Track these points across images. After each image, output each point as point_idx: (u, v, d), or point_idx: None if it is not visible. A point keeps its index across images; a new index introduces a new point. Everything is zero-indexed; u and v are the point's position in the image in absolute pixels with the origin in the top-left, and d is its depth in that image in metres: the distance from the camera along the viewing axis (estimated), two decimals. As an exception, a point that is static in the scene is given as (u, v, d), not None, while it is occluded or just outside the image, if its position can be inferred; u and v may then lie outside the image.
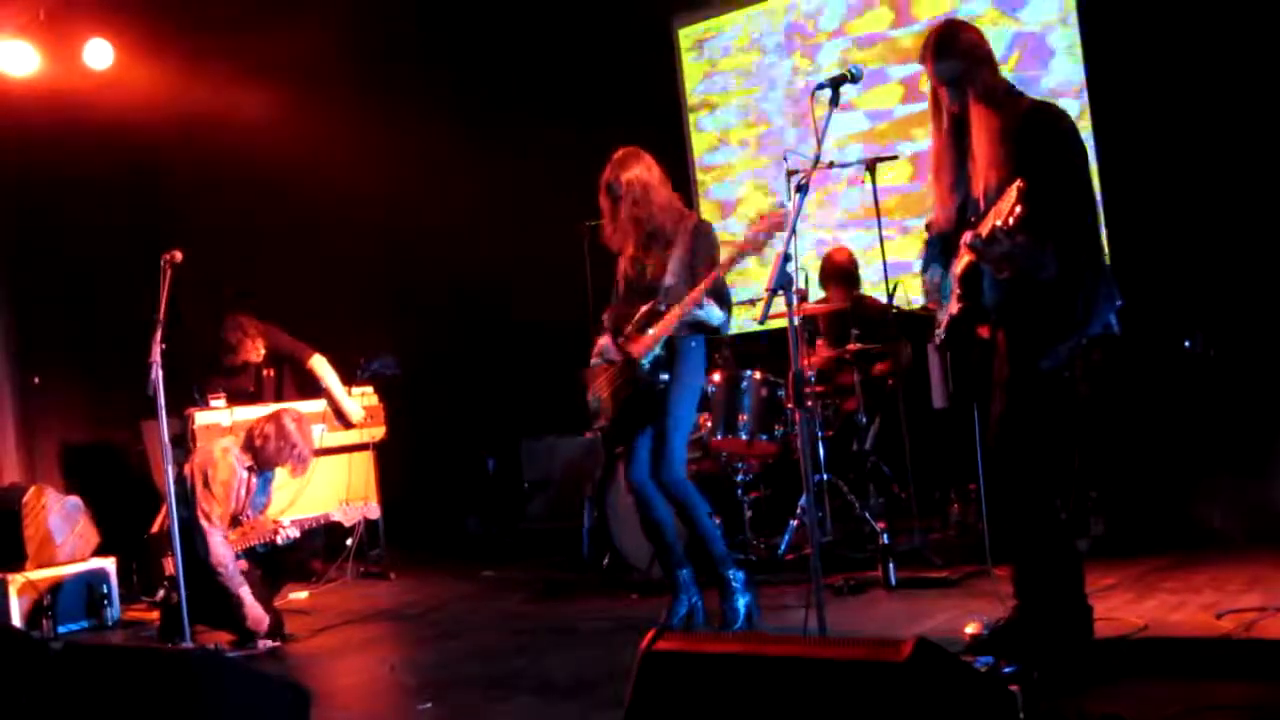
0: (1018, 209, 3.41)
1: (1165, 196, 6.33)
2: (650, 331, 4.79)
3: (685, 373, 4.84)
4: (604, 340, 5.04)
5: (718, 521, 5.34)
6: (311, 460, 5.84)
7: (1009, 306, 3.78)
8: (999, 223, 3.47)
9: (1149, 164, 6.41)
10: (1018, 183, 3.43)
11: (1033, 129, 3.72)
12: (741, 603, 4.76)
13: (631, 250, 4.99)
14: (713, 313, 4.76)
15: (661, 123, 8.29)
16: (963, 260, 3.83)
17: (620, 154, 4.90)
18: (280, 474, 6.00)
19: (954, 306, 3.92)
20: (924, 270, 4.14)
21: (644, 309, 4.85)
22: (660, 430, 4.80)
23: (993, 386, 3.89)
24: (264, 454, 5.63)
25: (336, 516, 5.72)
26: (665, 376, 4.80)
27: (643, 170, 4.86)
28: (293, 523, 5.58)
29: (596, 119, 7.83)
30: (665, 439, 4.79)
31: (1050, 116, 3.79)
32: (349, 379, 7.44)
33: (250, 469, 5.64)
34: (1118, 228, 6.59)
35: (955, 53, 3.82)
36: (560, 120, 8.29)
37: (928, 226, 4.19)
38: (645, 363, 4.79)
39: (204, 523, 5.36)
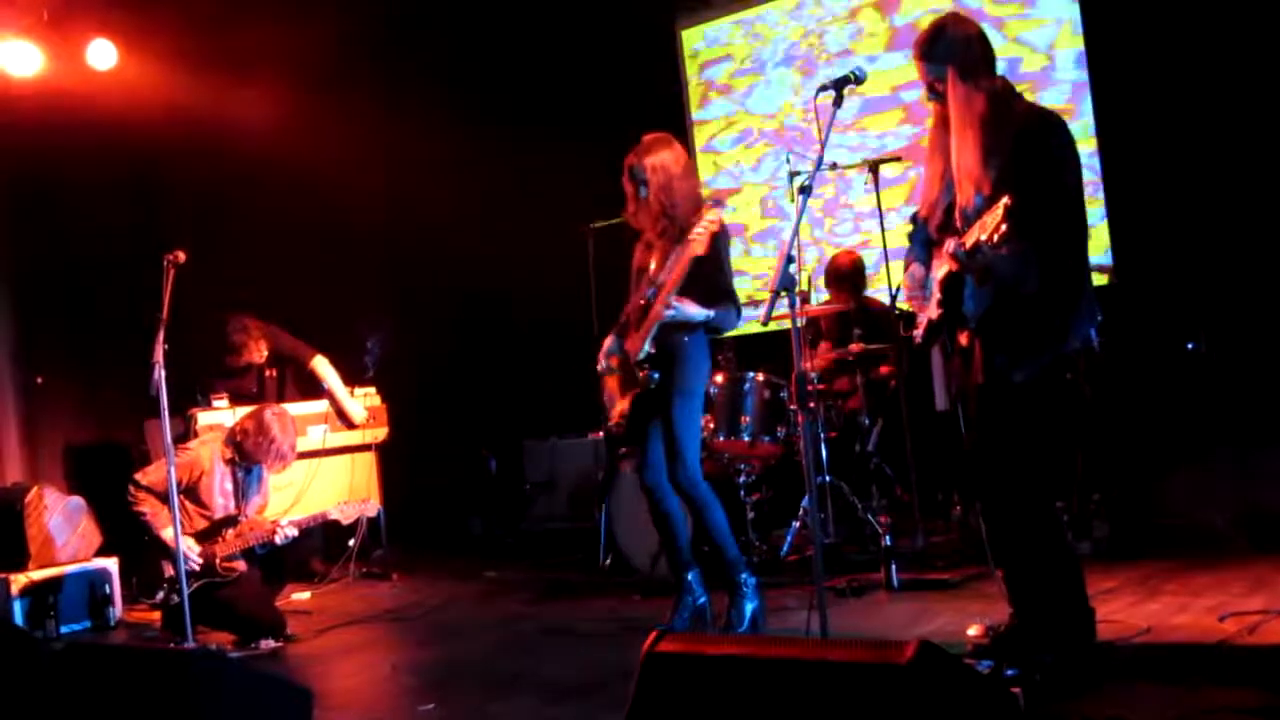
0: (1003, 227, 3.36)
1: (1168, 198, 6.33)
2: (640, 328, 4.76)
3: (680, 372, 4.74)
4: (609, 341, 4.99)
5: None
6: (291, 459, 5.82)
7: (988, 317, 3.74)
8: (983, 237, 3.43)
9: (1152, 166, 6.41)
10: (1005, 200, 3.38)
11: (1026, 138, 3.66)
12: (749, 608, 4.73)
13: (647, 238, 4.91)
14: (687, 311, 4.63)
15: (663, 124, 8.23)
16: (944, 267, 3.82)
17: (649, 139, 4.83)
18: (282, 474, 6.01)
19: (933, 311, 3.90)
20: (906, 268, 4.12)
21: (640, 305, 4.82)
22: (666, 431, 4.73)
23: (969, 393, 3.87)
24: (244, 449, 5.64)
25: (334, 515, 5.70)
26: (655, 375, 4.73)
27: (668, 158, 4.77)
28: (290, 523, 5.57)
29: (599, 120, 7.84)
30: (673, 440, 4.71)
31: (1045, 126, 3.72)
32: (351, 379, 7.44)
33: (233, 463, 5.65)
34: (1121, 229, 6.60)
35: (938, 54, 3.78)
36: (563, 121, 8.30)
37: (913, 219, 4.16)
38: (638, 360, 4.75)
39: (133, 482, 5.45)
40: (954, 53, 3.76)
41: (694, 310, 4.66)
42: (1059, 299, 3.66)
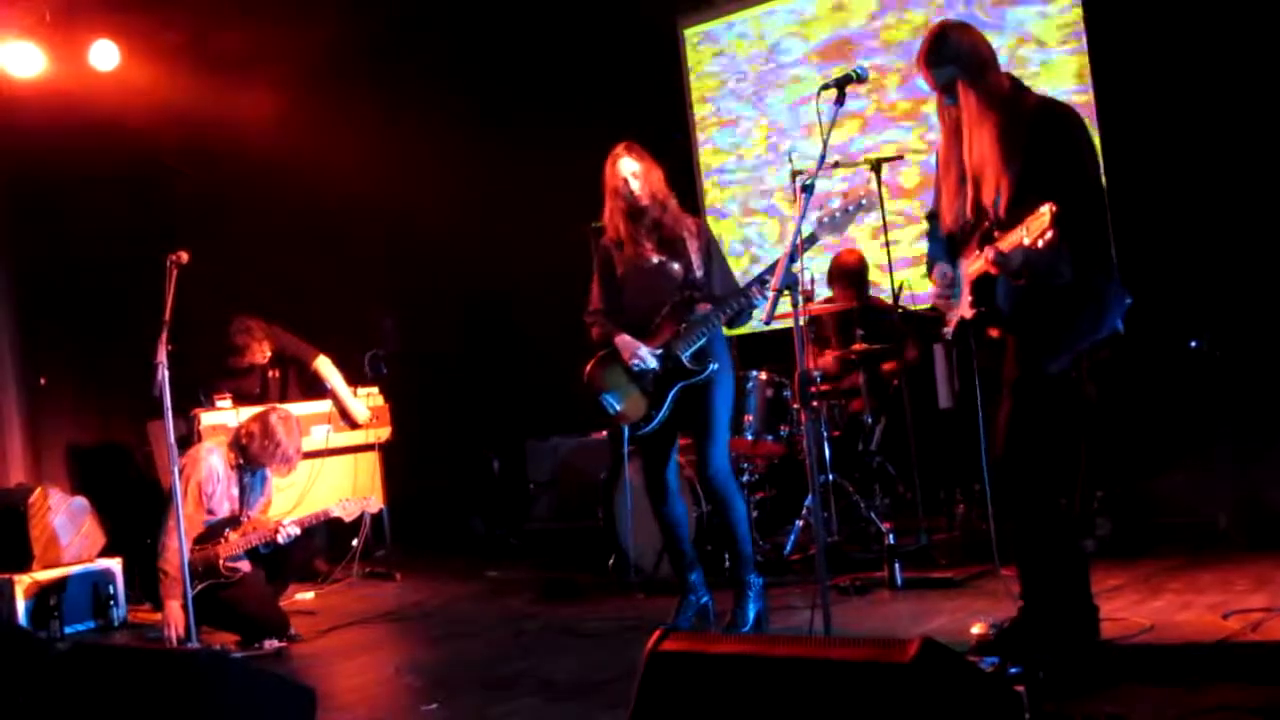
0: (1049, 234, 3.37)
1: (1171, 195, 6.32)
2: (686, 323, 4.75)
3: (727, 363, 4.83)
4: (629, 342, 4.84)
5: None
6: (297, 461, 5.82)
7: (1022, 311, 3.77)
8: (1027, 241, 3.43)
9: (1155, 163, 6.40)
10: (1050, 206, 3.38)
11: (1042, 130, 3.68)
12: (753, 609, 4.73)
13: (630, 240, 4.89)
14: (761, 302, 4.70)
15: (667, 122, 8.29)
16: (975, 266, 3.82)
17: (628, 143, 4.87)
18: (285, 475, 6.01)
19: (967, 311, 3.90)
20: (930, 267, 4.12)
21: (671, 303, 4.80)
22: (708, 424, 4.75)
23: (1001, 387, 3.88)
24: (249, 452, 5.64)
25: (336, 512, 5.69)
26: (714, 366, 4.74)
27: (651, 163, 4.85)
28: (293, 521, 5.57)
29: (602, 118, 7.83)
30: (713, 432, 4.75)
31: (1060, 117, 3.75)
32: (354, 379, 7.44)
33: (239, 467, 5.65)
34: (1124, 227, 6.57)
35: (945, 59, 3.79)
36: (566, 120, 8.30)
37: (928, 217, 4.16)
38: (688, 355, 4.73)
39: (168, 520, 5.32)
40: (959, 57, 3.77)
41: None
42: (1091, 287, 3.68)
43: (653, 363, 4.79)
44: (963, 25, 3.90)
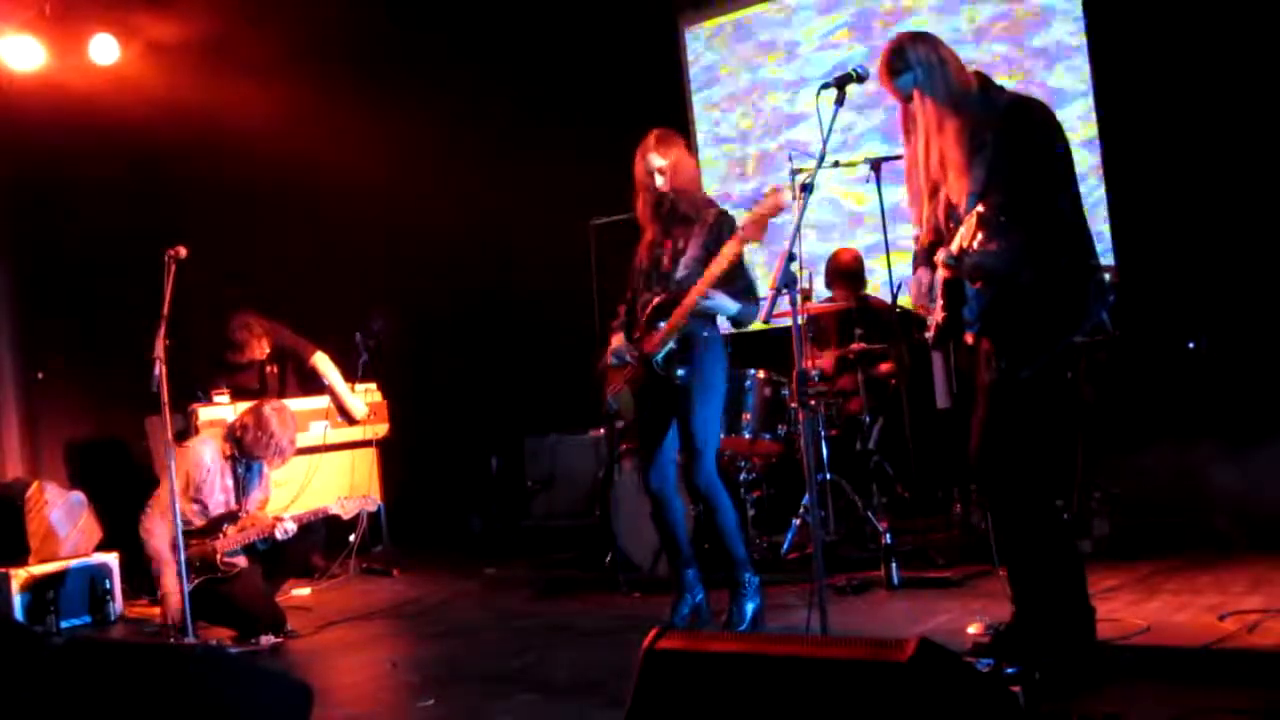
0: (979, 235, 3.44)
1: (1170, 197, 6.32)
2: (661, 325, 4.70)
3: (705, 367, 4.70)
4: (617, 339, 4.91)
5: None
6: (291, 453, 5.82)
7: (990, 314, 3.74)
8: (965, 244, 3.49)
9: (1154, 165, 6.40)
10: (977, 209, 3.44)
11: (1010, 129, 3.66)
12: (750, 607, 4.72)
13: (651, 235, 4.87)
14: (722, 303, 4.60)
15: (667, 120, 8.24)
16: (940, 271, 3.83)
17: (661, 131, 4.80)
18: (282, 470, 6.00)
19: (938, 315, 3.90)
20: (914, 272, 4.12)
21: (655, 302, 4.76)
22: (687, 429, 4.68)
23: (976, 391, 3.87)
24: (243, 444, 5.65)
25: (334, 510, 5.70)
26: (682, 372, 4.67)
27: (683, 150, 4.79)
28: (291, 518, 5.57)
29: (602, 116, 7.84)
30: (693, 439, 4.66)
31: (1029, 114, 3.71)
32: (352, 376, 7.44)
33: (232, 458, 5.66)
34: (1123, 229, 6.60)
35: (906, 68, 3.76)
36: (566, 117, 8.30)
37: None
38: (659, 359, 4.68)
39: (149, 505, 5.44)
40: (920, 64, 3.75)
41: (727, 302, 4.62)
42: (1062, 287, 3.65)
43: (626, 360, 4.80)
44: (920, 34, 3.86)
